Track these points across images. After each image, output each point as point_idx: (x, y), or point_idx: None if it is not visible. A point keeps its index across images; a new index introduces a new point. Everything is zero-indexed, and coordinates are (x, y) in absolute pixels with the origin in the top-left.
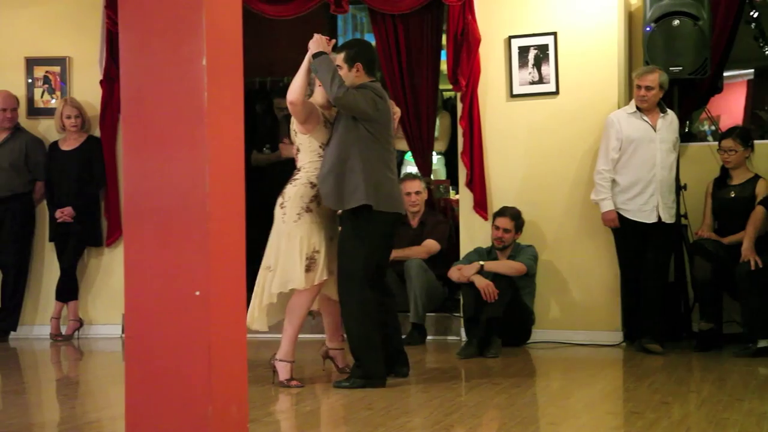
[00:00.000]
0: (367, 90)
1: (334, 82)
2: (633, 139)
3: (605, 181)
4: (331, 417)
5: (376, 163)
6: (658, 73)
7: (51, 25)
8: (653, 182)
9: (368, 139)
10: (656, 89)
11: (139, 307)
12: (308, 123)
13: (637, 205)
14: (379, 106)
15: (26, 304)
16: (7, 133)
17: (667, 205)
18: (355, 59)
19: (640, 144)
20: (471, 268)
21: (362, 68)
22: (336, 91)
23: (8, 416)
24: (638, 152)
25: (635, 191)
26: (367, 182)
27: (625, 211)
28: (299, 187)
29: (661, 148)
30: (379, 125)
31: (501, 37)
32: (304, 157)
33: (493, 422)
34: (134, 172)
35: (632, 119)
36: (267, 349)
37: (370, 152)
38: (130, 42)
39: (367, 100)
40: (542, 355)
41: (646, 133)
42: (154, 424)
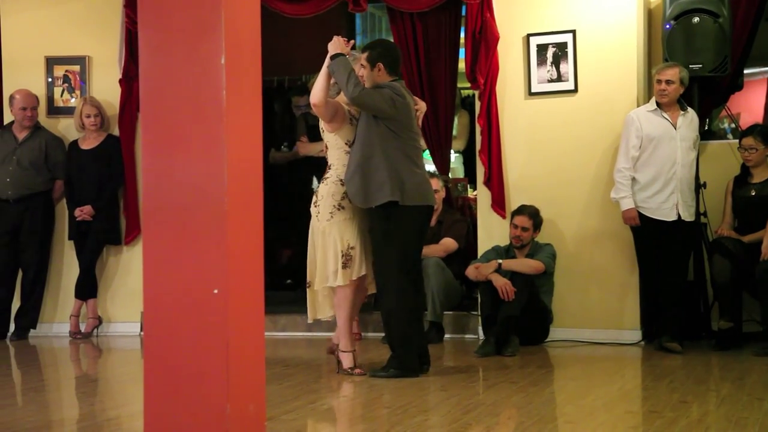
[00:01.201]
0: (385, 89)
1: (350, 82)
2: (653, 136)
3: (625, 179)
4: (349, 415)
5: (400, 159)
6: (679, 68)
7: (71, 25)
8: (673, 180)
9: (390, 137)
10: (676, 84)
11: (157, 305)
12: (334, 122)
13: (657, 203)
14: (397, 103)
15: (46, 302)
16: (28, 132)
17: (687, 203)
18: (377, 59)
19: (660, 142)
20: (489, 266)
21: (384, 68)
22: (352, 90)
23: (28, 413)
24: (658, 150)
25: (655, 189)
26: (391, 179)
27: (645, 209)
28: (330, 186)
29: (682, 146)
30: (399, 122)
31: (519, 35)
32: (333, 155)
33: (510, 421)
34: (153, 171)
35: (652, 117)
36: (285, 348)
37: (393, 149)
38: (149, 41)
39: (384, 98)
40: (560, 353)
41: (666, 131)
42: (172, 422)
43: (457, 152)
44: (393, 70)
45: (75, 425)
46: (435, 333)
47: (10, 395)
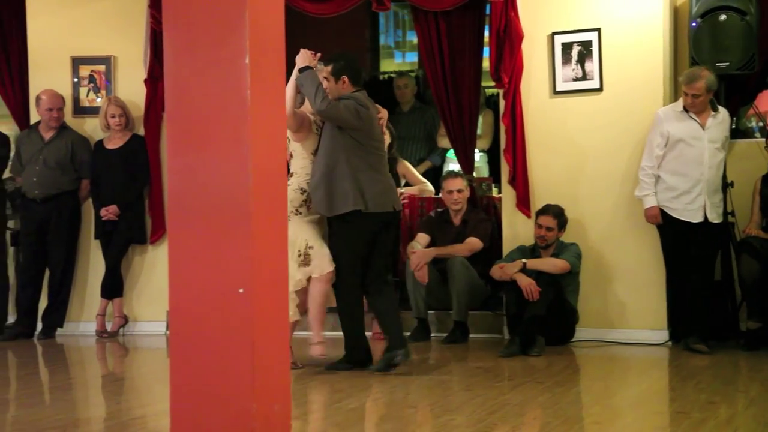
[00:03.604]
0: (351, 100)
1: (318, 95)
2: (680, 137)
3: (648, 177)
4: (374, 415)
5: (362, 168)
6: (704, 80)
7: (96, 25)
8: (700, 182)
9: (354, 146)
10: (703, 95)
11: (183, 305)
12: (300, 132)
13: (683, 204)
14: (361, 114)
15: (72, 301)
16: (54, 132)
17: (714, 205)
18: (342, 72)
19: (687, 143)
20: (513, 266)
21: (348, 80)
22: (320, 103)
23: (55, 411)
24: (686, 151)
25: (681, 190)
26: (354, 188)
27: (671, 209)
28: (290, 193)
29: (710, 148)
30: (363, 132)
31: (544, 34)
32: (297, 163)
33: (536, 421)
34: (178, 171)
35: (681, 117)
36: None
37: (356, 158)
38: (174, 41)
39: (350, 110)
40: (586, 353)
41: (694, 132)
42: (198, 421)
43: (481, 151)
44: (356, 82)
45: (102, 424)
46: (459, 333)
47: (38, 393)
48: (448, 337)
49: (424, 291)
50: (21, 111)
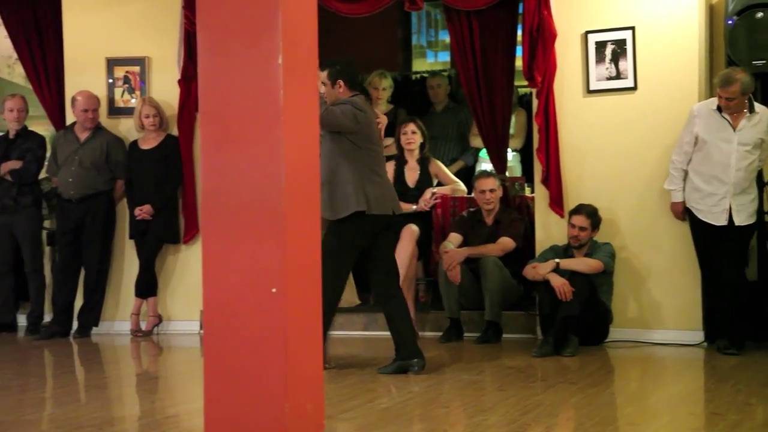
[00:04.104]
0: (347, 105)
1: None
2: (708, 138)
3: (677, 171)
4: (407, 414)
5: (363, 171)
6: (739, 83)
7: (130, 26)
8: (726, 184)
9: (353, 150)
10: (737, 98)
11: (216, 304)
12: None
13: (707, 206)
14: (359, 118)
15: (107, 301)
16: (89, 133)
17: (742, 206)
18: (338, 76)
19: (715, 143)
20: (546, 266)
21: (344, 84)
22: None
23: (91, 410)
24: (713, 152)
25: (707, 191)
26: (357, 191)
27: (697, 210)
28: None
29: (739, 150)
30: (361, 135)
31: (577, 33)
32: None
33: (570, 422)
34: (211, 170)
35: (713, 116)
36: (342, 347)
37: (356, 161)
38: (207, 41)
39: (346, 115)
40: (620, 354)
41: (723, 133)
42: (232, 420)
43: (514, 151)
44: (353, 86)
45: (136, 422)
46: (492, 333)
47: (74, 392)
48: (480, 337)
49: (456, 291)
50: (57, 112)
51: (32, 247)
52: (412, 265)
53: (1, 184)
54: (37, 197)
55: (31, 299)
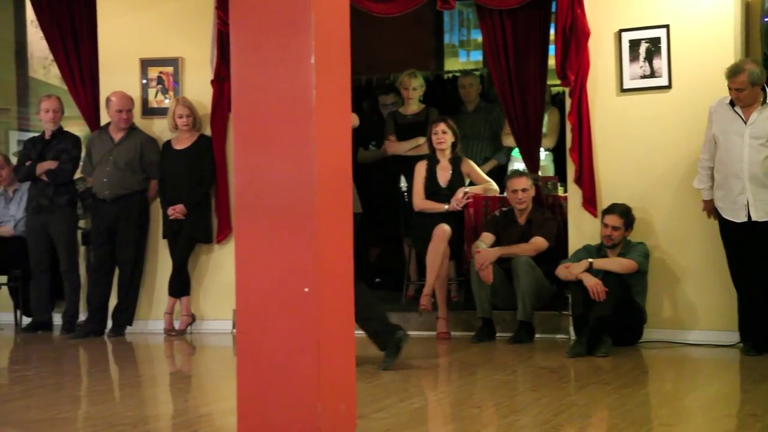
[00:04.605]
0: None
1: None
2: (722, 132)
3: (704, 169)
4: (439, 414)
5: None
6: (747, 73)
7: (164, 27)
8: (742, 179)
9: None
10: (747, 89)
11: (249, 304)
12: None
13: (727, 203)
14: None
15: (141, 300)
16: (123, 133)
17: (761, 202)
18: None
19: (728, 138)
20: (579, 265)
21: None
22: None
23: (125, 408)
24: (727, 146)
25: (727, 188)
26: None
27: (721, 208)
28: None
29: (752, 144)
30: None
31: (611, 31)
32: None
33: (603, 423)
34: (244, 170)
35: (726, 111)
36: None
37: None
38: (240, 42)
39: None
40: (655, 354)
41: (735, 127)
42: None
43: (547, 150)
44: None
45: (170, 420)
46: (525, 333)
47: (108, 390)
48: (513, 337)
49: (488, 290)
50: (91, 112)
51: (67, 246)
52: (444, 265)
53: (37, 184)
54: (72, 197)
55: (66, 298)
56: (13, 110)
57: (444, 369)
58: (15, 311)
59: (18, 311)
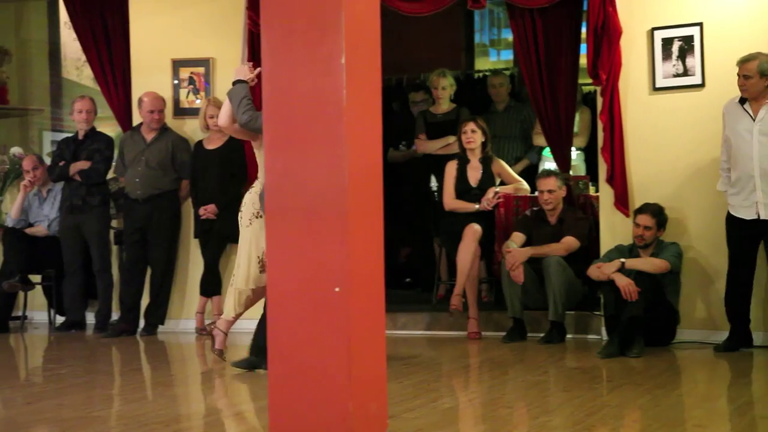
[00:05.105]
0: None
1: (240, 108)
2: (732, 130)
3: (724, 171)
4: (470, 414)
5: None
6: (758, 61)
7: (195, 28)
8: (753, 177)
9: None
10: (755, 78)
11: (280, 303)
12: (257, 139)
13: (738, 201)
14: None
15: (173, 299)
16: (155, 134)
17: None
18: None
19: (739, 136)
20: (611, 265)
21: None
22: (240, 117)
23: (157, 407)
24: (738, 144)
25: (739, 186)
26: None
27: (731, 205)
28: (252, 196)
29: (760, 140)
30: None
31: (643, 29)
32: (261, 169)
33: (636, 424)
34: (275, 171)
35: (736, 109)
36: (405, 346)
37: None
38: (271, 42)
39: None
40: (688, 355)
41: (744, 125)
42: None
43: (578, 149)
44: None
45: (201, 419)
46: (556, 333)
47: (141, 389)
48: (544, 337)
49: (519, 290)
50: (124, 113)
51: (100, 246)
52: (475, 265)
53: (71, 184)
54: (105, 197)
55: (99, 298)
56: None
57: (475, 369)
58: (49, 310)
59: (52, 310)
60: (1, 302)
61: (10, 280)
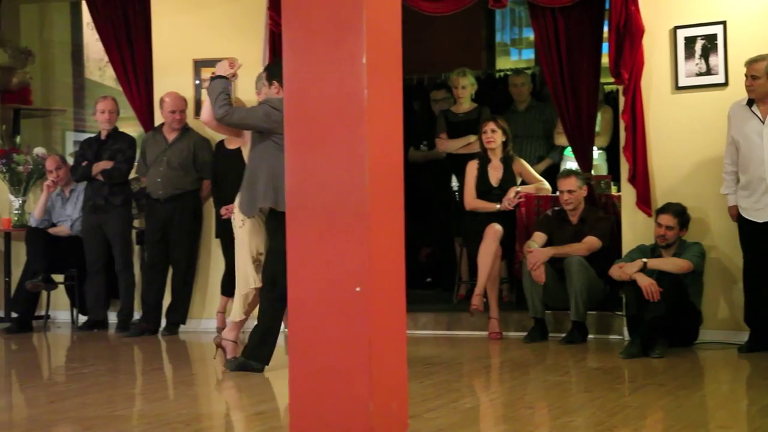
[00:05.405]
0: (264, 104)
1: (216, 104)
2: (740, 133)
3: (727, 174)
4: (491, 415)
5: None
6: (766, 62)
7: (217, 28)
8: (763, 180)
9: (275, 149)
10: (762, 78)
11: (301, 303)
12: (241, 136)
13: (750, 203)
14: (272, 117)
15: (194, 299)
16: (177, 134)
17: None
18: (272, 77)
19: (747, 139)
20: (633, 265)
21: (279, 85)
22: (217, 111)
23: (179, 406)
24: (747, 149)
25: (750, 189)
26: (267, 187)
27: (742, 208)
28: None
29: None
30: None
31: (666, 28)
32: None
33: (658, 425)
34: (296, 170)
35: (743, 111)
36: (426, 346)
37: (277, 161)
38: (292, 42)
39: (255, 114)
40: (711, 356)
41: (752, 127)
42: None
43: (600, 149)
44: None
45: (223, 419)
46: (578, 333)
47: (162, 388)
48: (566, 337)
49: (541, 290)
50: (146, 113)
51: (122, 246)
52: (496, 265)
53: (93, 184)
54: (127, 197)
55: (121, 297)
56: (69, 111)
57: (496, 369)
58: (71, 310)
59: (74, 310)
60: (25, 302)
61: (34, 280)
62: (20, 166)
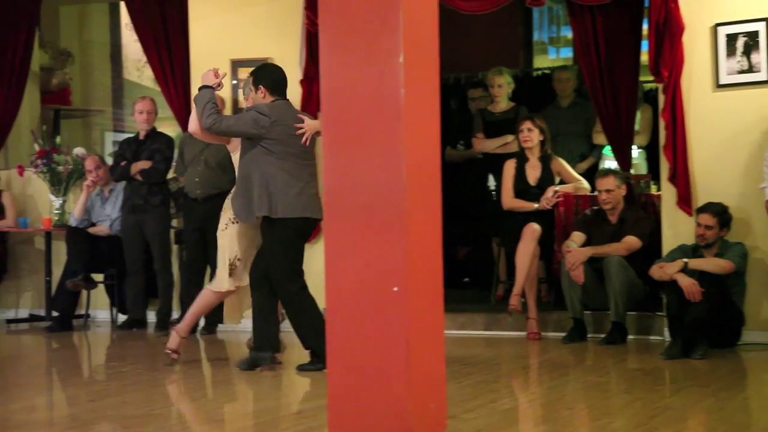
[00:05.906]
0: (251, 111)
1: (204, 113)
2: None
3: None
4: (530, 416)
5: (276, 175)
6: None
7: (254, 28)
8: None
9: (265, 154)
10: None
11: (339, 303)
12: (232, 143)
13: None
14: (261, 123)
15: None
16: None
17: None
18: (258, 82)
19: None
20: (674, 265)
21: (265, 90)
22: (204, 120)
23: (218, 405)
24: None
25: None
26: (262, 195)
27: None
28: (229, 201)
29: None
30: (272, 140)
31: (706, 25)
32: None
33: (700, 427)
34: (333, 170)
35: None
36: (463, 346)
37: (268, 166)
38: (329, 41)
39: (243, 121)
40: (754, 357)
41: None
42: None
43: (639, 148)
44: (275, 91)
45: (261, 418)
46: (617, 334)
47: (201, 387)
48: (605, 338)
49: (580, 291)
50: (184, 113)
51: (161, 245)
52: (534, 265)
53: (132, 184)
54: (165, 197)
55: (159, 296)
56: (108, 112)
57: (534, 370)
58: (111, 309)
59: (114, 309)
60: (65, 301)
61: (74, 279)
62: (60, 166)
